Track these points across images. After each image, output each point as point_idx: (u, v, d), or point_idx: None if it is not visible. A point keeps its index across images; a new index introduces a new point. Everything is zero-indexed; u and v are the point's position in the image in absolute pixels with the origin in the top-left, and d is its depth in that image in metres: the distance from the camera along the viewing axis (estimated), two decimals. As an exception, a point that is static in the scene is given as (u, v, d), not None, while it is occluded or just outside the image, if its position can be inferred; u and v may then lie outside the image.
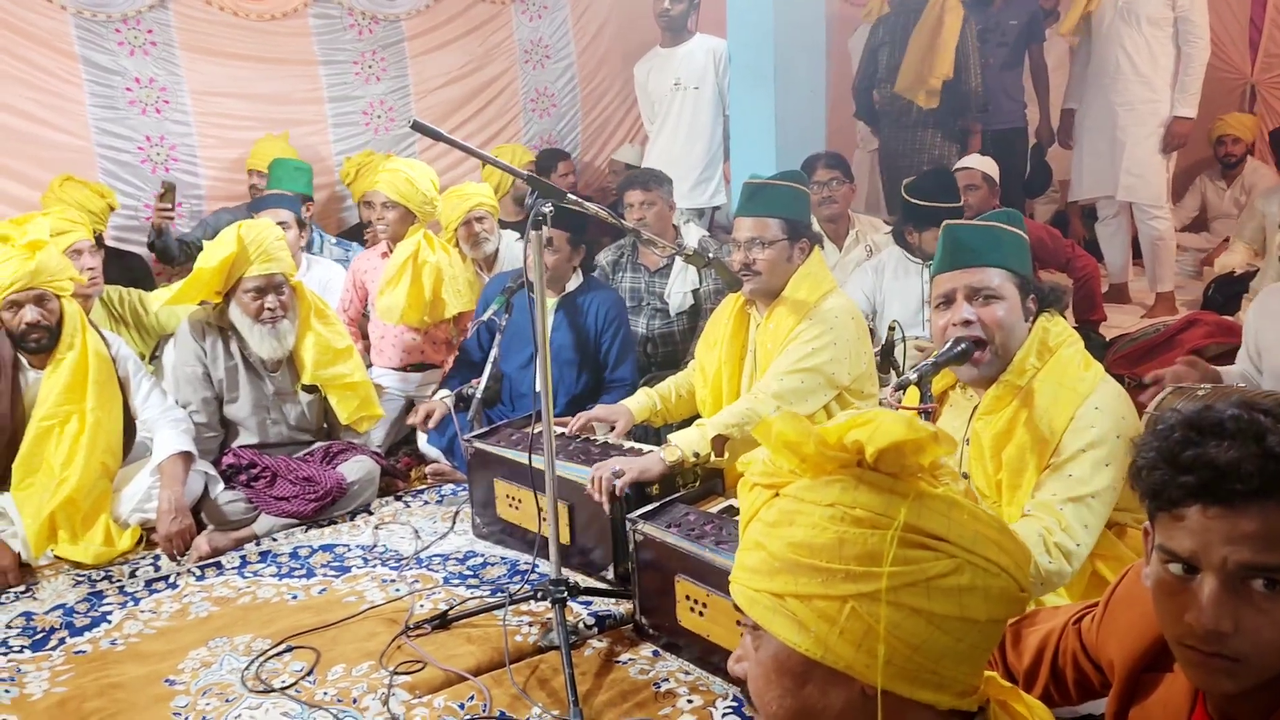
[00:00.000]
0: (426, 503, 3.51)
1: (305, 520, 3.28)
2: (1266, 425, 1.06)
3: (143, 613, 2.78)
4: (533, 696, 2.29)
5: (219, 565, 3.06)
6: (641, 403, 3.07)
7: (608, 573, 2.75)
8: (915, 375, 2.03)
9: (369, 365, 4.10)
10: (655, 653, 2.46)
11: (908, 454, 0.95)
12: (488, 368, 3.18)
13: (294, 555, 3.11)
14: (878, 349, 2.96)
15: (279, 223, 3.71)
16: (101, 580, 2.99)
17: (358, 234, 5.12)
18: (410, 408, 3.92)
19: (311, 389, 3.48)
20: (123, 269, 4.33)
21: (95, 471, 3.13)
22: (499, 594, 2.75)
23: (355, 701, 2.30)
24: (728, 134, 4.89)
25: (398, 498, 3.54)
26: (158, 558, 3.10)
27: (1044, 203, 6.81)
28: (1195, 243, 6.29)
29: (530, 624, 2.60)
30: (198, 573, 3.01)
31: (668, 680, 2.34)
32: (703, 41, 5.05)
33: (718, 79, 4.99)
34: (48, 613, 2.80)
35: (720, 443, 2.67)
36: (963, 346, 2.03)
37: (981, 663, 0.99)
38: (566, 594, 2.44)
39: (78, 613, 2.79)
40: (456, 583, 2.88)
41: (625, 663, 2.43)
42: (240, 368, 3.40)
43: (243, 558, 3.10)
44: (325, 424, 3.60)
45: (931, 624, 0.92)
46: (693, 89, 5.03)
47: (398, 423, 3.93)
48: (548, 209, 2.31)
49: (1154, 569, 1.15)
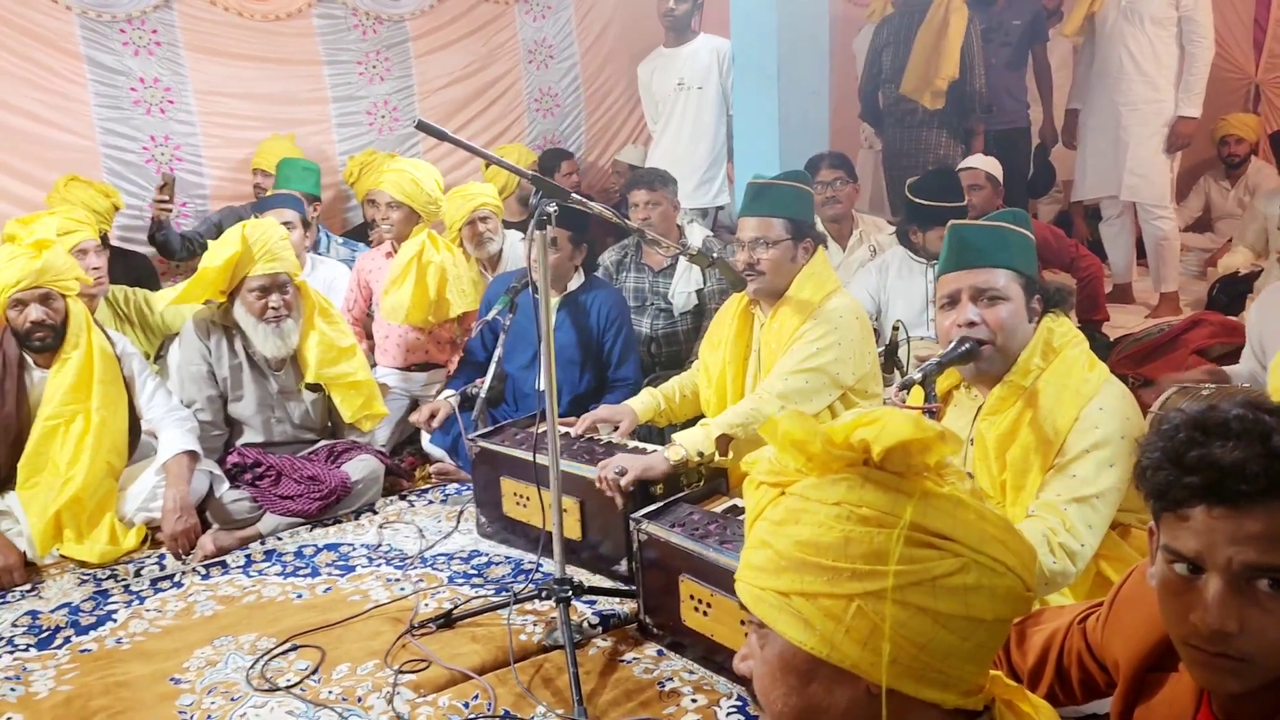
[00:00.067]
0: (431, 502, 3.51)
1: (310, 519, 3.28)
2: (1271, 425, 1.06)
3: (148, 611, 2.79)
4: (537, 695, 2.29)
5: (224, 564, 3.07)
6: (646, 403, 3.08)
7: (620, 567, 2.74)
8: (919, 375, 2.03)
9: (373, 365, 4.11)
10: (660, 652, 2.46)
11: (914, 453, 0.95)
12: (492, 367, 3.19)
13: (299, 554, 3.12)
14: (882, 349, 2.96)
15: (284, 223, 3.71)
16: (107, 579, 2.99)
17: (362, 233, 5.12)
18: (414, 407, 3.93)
19: (315, 388, 3.49)
20: (127, 268, 4.34)
21: (100, 471, 3.14)
22: (503, 593, 2.76)
23: (360, 700, 2.31)
24: (731, 134, 4.89)
25: (402, 497, 3.54)
26: (163, 557, 3.11)
27: (1047, 203, 6.80)
28: (1199, 243, 6.28)
29: (535, 623, 2.60)
30: (203, 572, 3.02)
31: (672, 679, 2.34)
32: (707, 41, 5.04)
33: (721, 79, 4.98)
34: (53, 611, 2.80)
35: (724, 442, 2.67)
36: (967, 346, 2.03)
37: (987, 662, 0.99)
38: (571, 593, 2.45)
39: (83, 611, 2.80)
40: (461, 582, 2.88)
41: (629, 662, 2.43)
42: (245, 366, 3.41)
43: (247, 557, 3.11)
44: (329, 423, 3.61)
45: (937, 623, 0.92)
46: (696, 89, 5.02)
47: (402, 422, 3.93)
48: (552, 209, 2.32)
49: (1159, 569, 1.15)
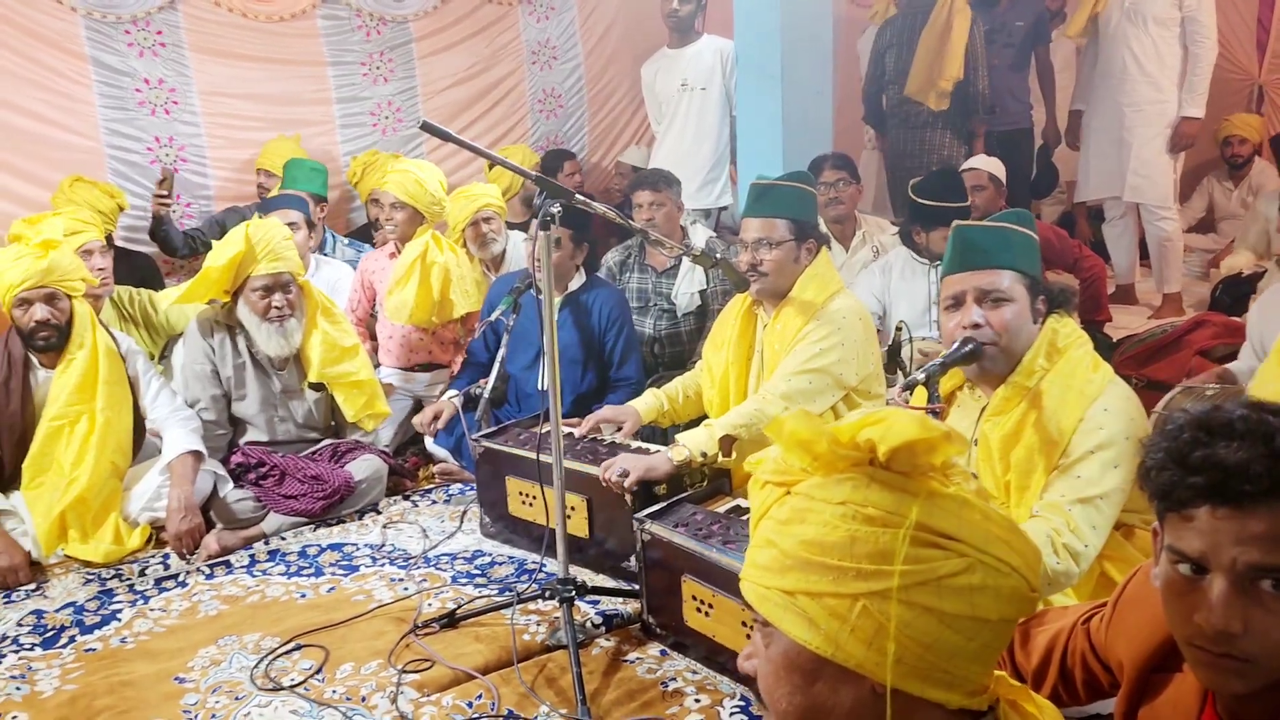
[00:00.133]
0: (434, 502, 3.52)
1: (313, 519, 3.29)
2: (1276, 425, 1.06)
3: (152, 611, 2.80)
4: (540, 695, 2.29)
5: (228, 564, 3.07)
6: (649, 403, 3.08)
7: (629, 563, 2.73)
8: (923, 375, 2.02)
9: (377, 365, 4.11)
10: (663, 652, 2.46)
11: (920, 453, 0.95)
12: (496, 367, 3.19)
13: (302, 554, 3.12)
14: (885, 349, 2.95)
15: (288, 223, 3.72)
16: (111, 579, 3.00)
17: (366, 234, 5.13)
18: (418, 408, 3.93)
19: (318, 387, 3.50)
20: (131, 269, 4.34)
21: (105, 471, 3.14)
22: (507, 593, 2.76)
23: (364, 700, 2.31)
24: (734, 134, 4.89)
25: (406, 497, 3.55)
26: (167, 556, 3.11)
27: (1050, 203, 6.80)
28: (1202, 243, 6.27)
29: (538, 623, 2.61)
30: (207, 571, 3.03)
31: (675, 679, 2.34)
32: (710, 42, 5.04)
33: (725, 80, 4.99)
34: (58, 611, 2.81)
35: (728, 443, 2.67)
36: (970, 347, 2.03)
37: (992, 662, 0.99)
38: (574, 593, 2.45)
39: (88, 611, 2.81)
40: (464, 582, 2.89)
41: (633, 662, 2.43)
42: (248, 365, 3.42)
43: (251, 556, 3.12)
44: (333, 422, 3.62)
45: (942, 623, 0.92)
46: (700, 89, 5.02)
47: (406, 422, 3.93)
48: (556, 209, 2.32)
49: (1163, 569, 1.15)
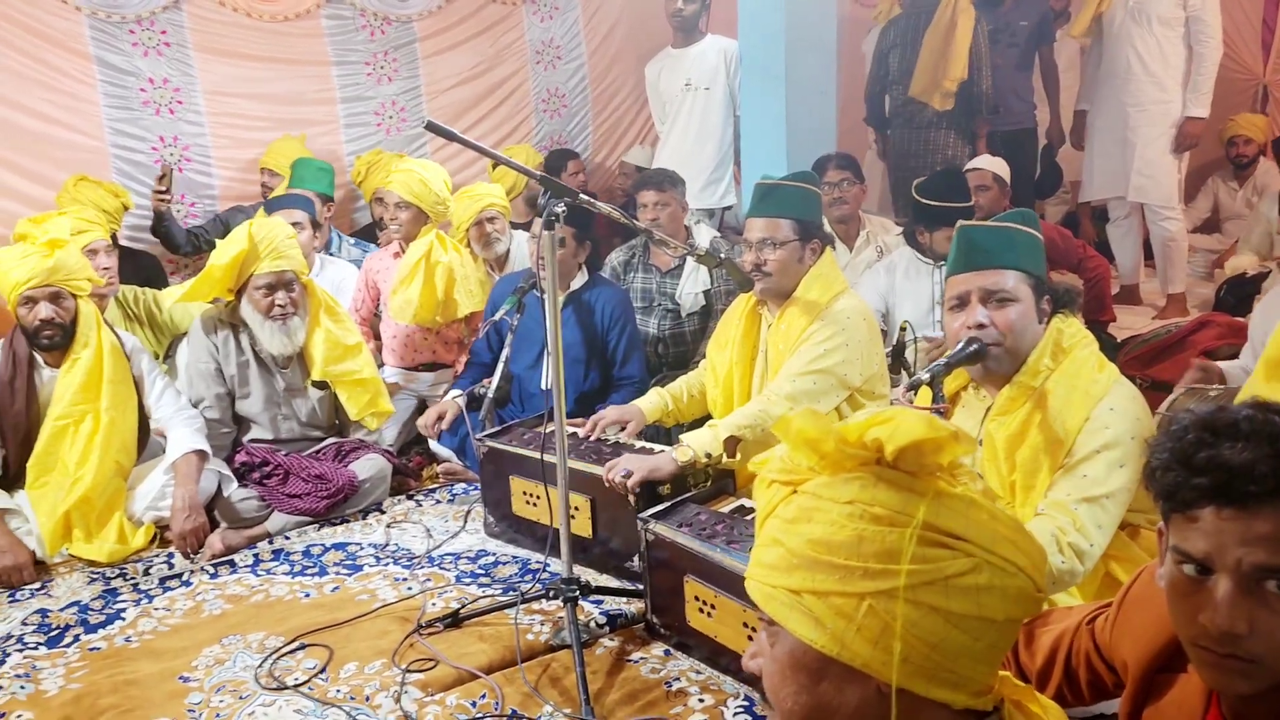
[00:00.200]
0: (438, 502, 3.52)
1: (318, 518, 3.30)
2: (1281, 426, 1.06)
3: (157, 610, 2.80)
4: (544, 695, 2.29)
5: (232, 563, 3.08)
6: (653, 403, 3.08)
7: (632, 563, 2.73)
8: (927, 375, 2.02)
9: (381, 365, 4.12)
10: (667, 652, 2.46)
11: (927, 453, 0.95)
12: (500, 367, 3.19)
13: (306, 553, 3.13)
14: (889, 350, 2.95)
15: (292, 223, 3.72)
16: (116, 578, 3.00)
17: (370, 234, 5.13)
18: (422, 407, 3.93)
19: (322, 385, 3.50)
20: (136, 268, 4.35)
21: (109, 470, 3.15)
22: (510, 593, 2.76)
23: (368, 699, 2.31)
24: (738, 134, 4.89)
25: (410, 497, 3.55)
26: (172, 555, 3.12)
27: (1055, 203, 6.79)
28: (1207, 244, 6.27)
29: (542, 623, 2.61)
30: (211, 570, 3.03)
31: (679, 679, 2.34)
32: (714, 42, 5.04)
33: (729, 79, 4.98)
34: (63, 610, 2.82)
35: (732, 444, 2.67)
36: (975, 347, 2.03)
37: (997, 662, 0.99)
38: (578, 593, 2.45)
39: (92, 610, 2.81)
40: (468, 581, 2.89)
41: (636, 662, 2.43)
42: (251, 363, 3.43)
43: (256, 556, 3.12)
44: (336, 420, 3.62)
45: (949, 622, 0.92)
46: (704, 89, 5.02)
47: (410, 422, 3.93)
48: (561, 208, 2.32)
49: (1168, 570, 1.15)
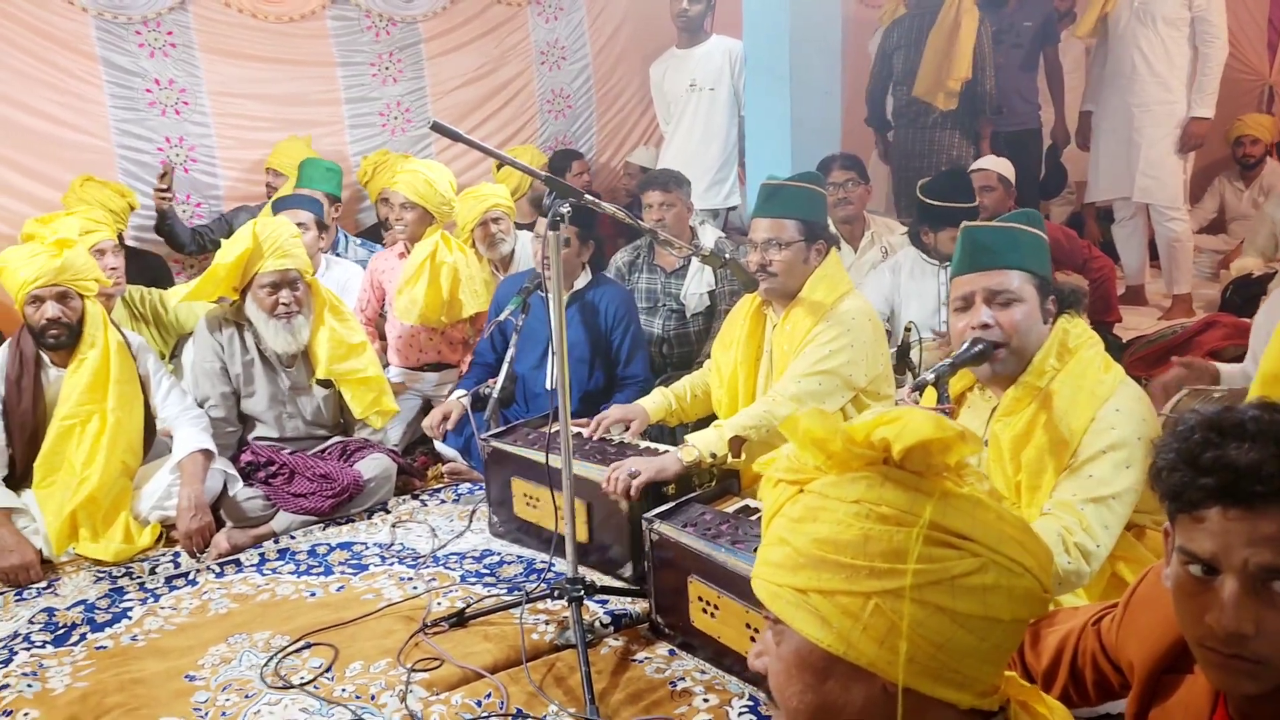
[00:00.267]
0: (443, 501, 3.52)
1: (323, 517, 3.30)
2: (1288, 426, 1.06)
3: (163, 609, 2.81)
4: (549, 694, 2.29)
5: (238, 562, 3.08)
6: (657, 402, 3.08)
7: (625, 570, 2.75)
8: (933, 376, 2.02)
9: (386, 365, 4.12)
10: (671, 652, 2.46)
11: (934, 452, 0.95)
12: (505, 367, 3.19)
13: (312, 553, 3.13)
14: (894, 350, 2.95)
15: (298, 224, 3.72)
16: (122, 577, 3.01)
17: (375, 234, 5.14)
18: (427, 407, 3.94)
19: (327, 384, 3.51)
20: (142, 268, 4.37)
21: (116, 470, 3.16)
22: (516, 592, 2.76)
23: (373, 698, 2.32)
24: (743, 135, 4.89)
25: (415, 496, 3.56)
26: (178, 555, 3.13)
27: (1060, 204, 6.79)
28: (1213, 244, 6.26)
29: (547, 622, 2.61)
30: (217, 570, 3.04)
31: (684, 679, 2.34)
32: (719, 42, 5.04)
33: (733, 80, 4.99)
34: (69, 608, 2.82)
35: (737, 444, 2.67)
36: (980, 347, 2.03)
37: (1003, 662, 0.99)
38: (583, 592, 2.45)
39: (99, 609, 2.82)
40: (473, 581, 2.89)
41: (641, 661, 2.43)
42: (256, 362, 3.44)
43: (261, 555, 3.13)
44: (341, 419, 3.63)
45: (955, 622, 0.92)
46: (708, 90, 5.02)
47: (415, 422, 3.94)
48: (565, 209, 2.32)
49: (1174, 570, 1.15)
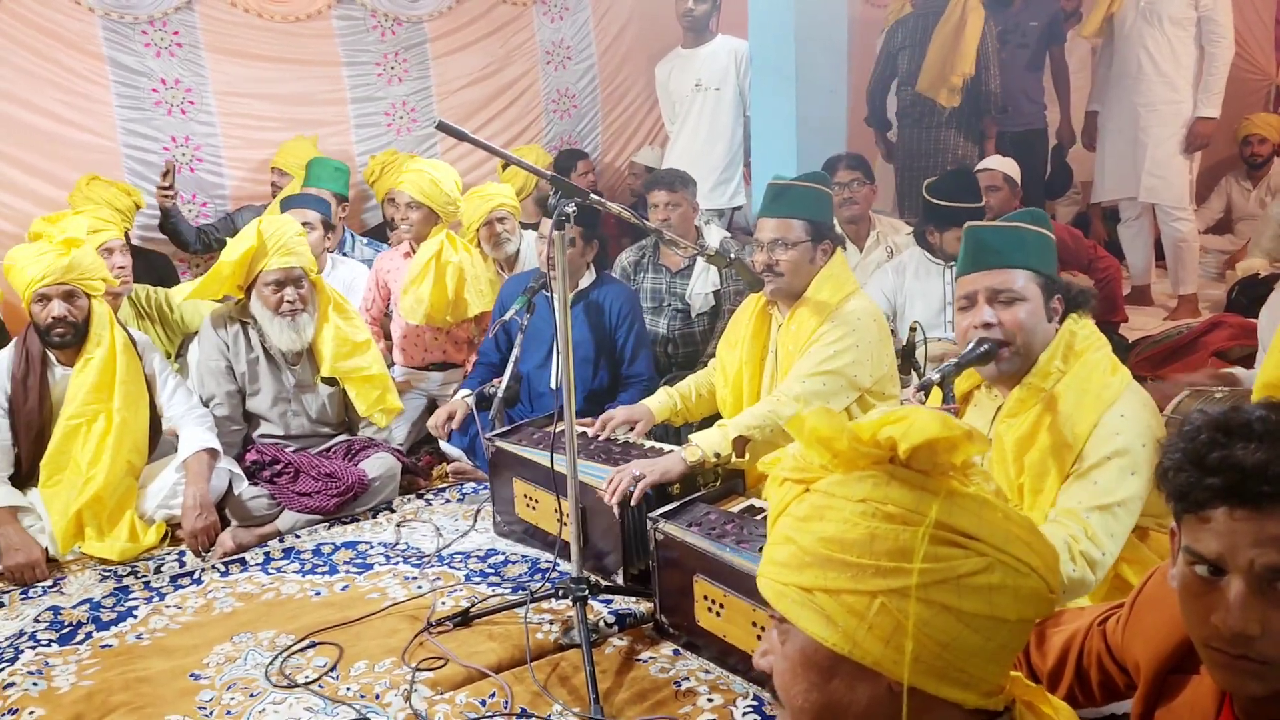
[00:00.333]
0: (448, 501, 3.53)
1: (327, 516, 3.31)
2: (1295, 427, 1.06)
3: (168, 608, 2.81)
4: (554, 694, 2.29)
5: (243, 561, 3.09)
6: (662, 401, 3.08)
7: (618, 577, 2.74)
8: (938, 376, 2.02)
9: (391, 364, 4.13)
10: (676, 651, 2.46)
11: (940, 452, 0.95)
12: (509, 367, 3.19)
13: (317, 552, 3.14)
14: (899, 350, 2.95)
15: (304, 223, 3.73)
16: (127, 576, 3.02)
17: (380, 233, 5.15)
18: (432, 407, 3.94)
19: (332, 381, 3.51)
20: (148, 267, 4.37)
21: (121, 470, 3.17)
22: (520, 592, 2.77)
23: (378, 697, 2.32)
24: (748, 135, 4.88)
25: (419, 496, 3.56)
26: (183, 554, 3.13)
27: (1065, 204, 6.78)
28: (1219, 244, 6.25)
29: (551, 622, 2.61)
30: (222, 569, 3.04)
31: (688, 679, 2.34)
32: (725, 42, 5.04)
33: (739, 80, 4.98)
34: (75, 607, 2.83)
35: (741, 444, 2.67)
36: (985, 347, 2.02)
37: (1009, 662, 0.99)
38: (587, 592, 2.45)
39: (104, 607, 2.83)
40: (478, 580, 2.90)
41: (646, 661, 2.44)
42: (261, 360, 3.45)
43: (266, 554, 3.13)
44: (346, 417, 3.64)
45: (961, 622, 0.92)
46: (714, 90, 5.02)
47: (419, 421, 3.94)
48: (571, 209, 2.32)
49: (1180, 570, 1.15)
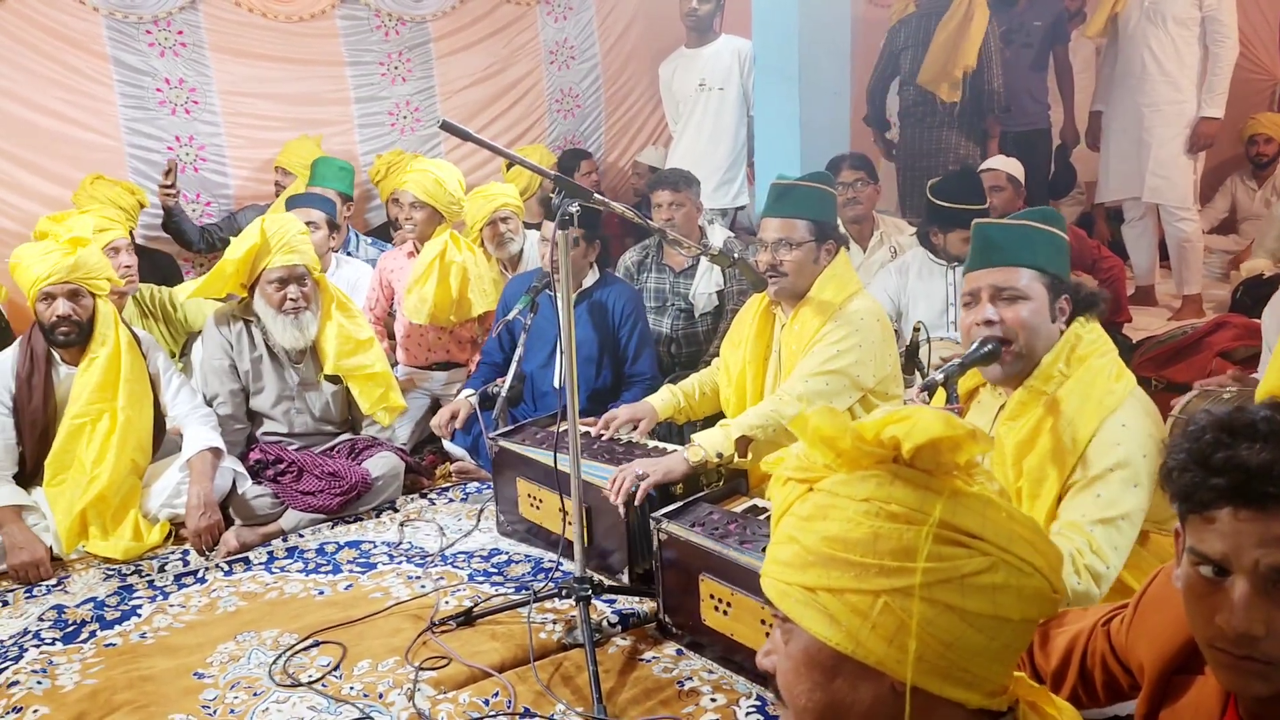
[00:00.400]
0: (451, 500, 3.53)
1: (331, 515, 3.31)
2: (1300, 427, 1.05)
3: (172, 607, 2.82)
4: (557, 693, 2.29)
5: (247, 560, 3.09)
6: (665, 400, 3.08)
7: (624, 576, 2.74)
8: (941, 376, 2.01)
9: (394, 364, 4.13)
10: (679, 651, 2.46)
11: (944, 451, 0.95)
12: (513, 366, 3.19)
13: (320, 551, 3.14)
14: (902, 350, 2.94)
15: (308, 222, 3.73)
16: (131, 574, 3.02)
17: (384, 233, 5.15)
18: (435, 406, 3.95)
19: (335, 380, 3.52)
20: (153, 266, 4.38)
21: (125, 469, 3.17)
22: (523, 591, 2.77)
23: (381, 696, 2.32)
24: (752, 134, 4.88)
25: (423, 495, 3.56)
26: (187, 553, 3.14)
27: (1069, 204, 6.77)
28: (1223, 244, 6.24)
29: (554, 621, 2.61)
30: (226, 568, 3.05)
31: (691, 679, 2.34)
32: (728, 42, 5.04)
33: (742, 80, 4.98)
34: (79, 606, 2.83)
35: (744, 444, 2.67)
36: (989, 348, 2.01)
37: (1012, 662, 0.99)
38: (590, 592, 2.45)
39: (108, 606, 2.83)
40: (481, 580, 2.90)
41: (649, 661, 2.43)
42: (265, 358, 3.45)
43: (270, 553, 3.14)
44: (349, 416, 3.64)
45: (964, 621, 0.92)
46: (717, 89, 5.02)
47: (423, 421, 3.94)
48: (574, 209, 2.32)
49: (1184, 571, 1.14)
